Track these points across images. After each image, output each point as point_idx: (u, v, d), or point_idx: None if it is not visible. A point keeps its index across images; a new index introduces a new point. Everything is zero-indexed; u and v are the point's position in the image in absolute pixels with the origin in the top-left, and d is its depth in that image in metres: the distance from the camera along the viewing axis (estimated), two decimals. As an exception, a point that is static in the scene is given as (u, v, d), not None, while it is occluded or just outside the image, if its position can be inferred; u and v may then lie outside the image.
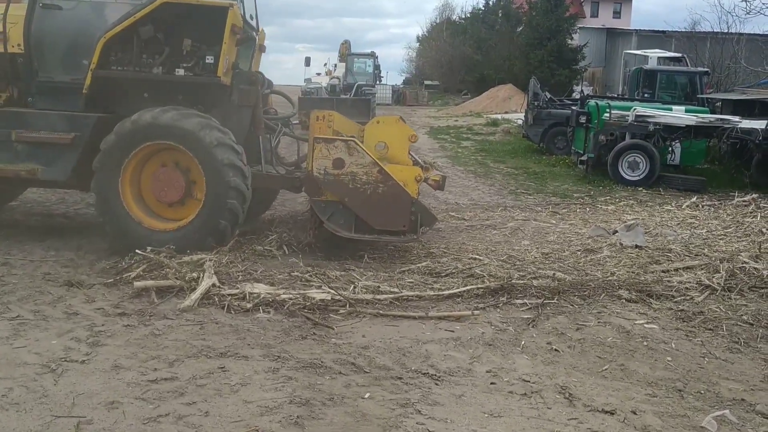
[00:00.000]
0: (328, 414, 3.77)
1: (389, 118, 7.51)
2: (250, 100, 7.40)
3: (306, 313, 5.34)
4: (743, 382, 4.50)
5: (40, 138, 6.81)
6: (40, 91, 7.07)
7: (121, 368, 4.24)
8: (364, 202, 6.72)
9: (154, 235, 6.59)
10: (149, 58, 6.90)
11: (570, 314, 5.62)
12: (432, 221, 7.35)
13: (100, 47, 6.75)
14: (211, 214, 6.61)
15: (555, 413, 3.94)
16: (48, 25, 7.02)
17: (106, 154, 6.60)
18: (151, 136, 6.59)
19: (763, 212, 10.33)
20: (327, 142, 6.77)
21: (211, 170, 6.57)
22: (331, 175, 6.72)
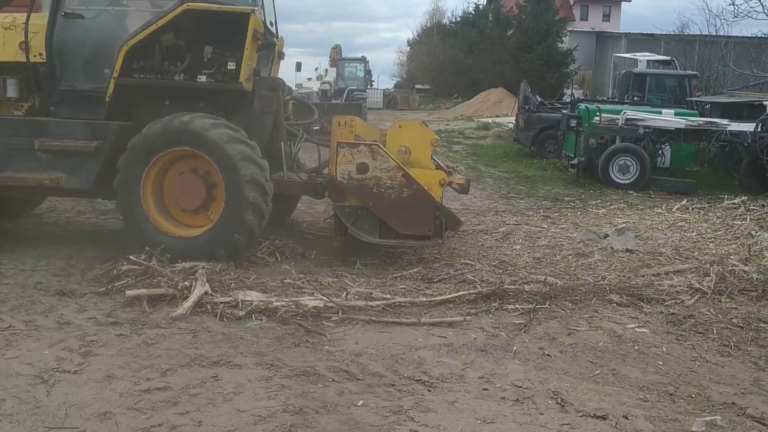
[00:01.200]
0: (322, 422, 3.77)
1: (412, 122, 7.48)
2: (272, 107, 7.37)
3: (299, 320, 5.34)
4: (734, 386, 4.53)
5: (63, 146, 6.78)
6: (63, 100, 7.04)
7: (113, 378, 4.23)
8: (389, 206, 6.70)
9: (168, 240, 6.58)
10: (171, 65, 6.88)
11: (562, 319, 5.65)
12: (457, 225, 7.30)
13: (122, 55, 6.73)
14: (227, 227, 6.57)
15: (547, 419, 3.96)
16: (70, 33, 6.98)
17: (133, 153, 6.59)
18: (179, 142, 6.57)
19: (753, 214, 10.39)
20: (350, 146, 6.75)
21: (232, 183, 6.54)
22: (355, 180, 6.70)
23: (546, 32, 38.15)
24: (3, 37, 7.02)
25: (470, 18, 55.24)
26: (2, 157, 6.82)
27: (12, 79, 7.15)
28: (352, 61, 38.87)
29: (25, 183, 6.88)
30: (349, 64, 38.51)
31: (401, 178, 6.68)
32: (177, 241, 6.59)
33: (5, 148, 6.82)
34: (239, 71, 6.83)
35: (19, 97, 7.19)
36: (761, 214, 10.45)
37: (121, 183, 6.65)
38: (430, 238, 6.84)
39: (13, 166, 6.83)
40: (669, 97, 19.83)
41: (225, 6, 6.99)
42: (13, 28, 7.00)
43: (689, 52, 29.04)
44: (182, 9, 6.64)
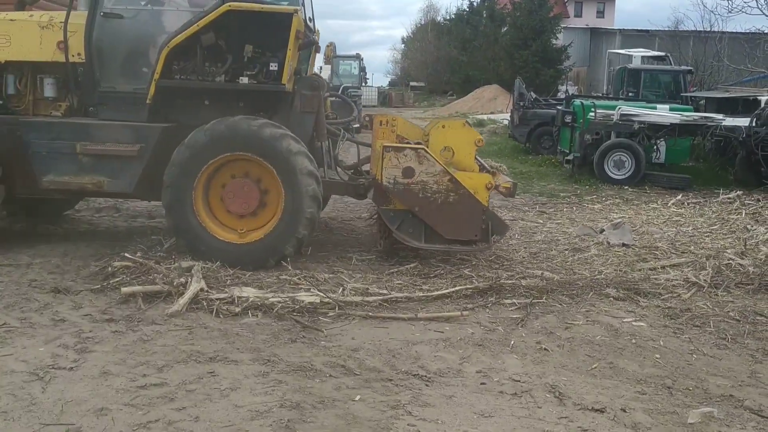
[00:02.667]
0: (319, 417, 3.76)
1: (455, 122, 7.33)
2: (313, 107, 7.23)
3: (295, 316, 5.32)
4: (731, 378, 4.53)
5: (105, 150, 6.68)
6: (103, 101, 6.94)
7: (109, 374, 4.21)
8: (435, 211, 6.61)
9: (231, 248, 6.50)
10: (212, 66, 6.80)
11: (559, 313, 5.65)
12: (504, 230, 7.16)
13: (163, 56, 6.63)
14: (291, 223, 6.53)
15: (545, 412, 3.95)
16: (109, 33, 6.88)
17: (179, 167, 6.45)
18: (228, 148, 6.48)
19: (748, 209, 10.41)
20: (396, 150, 6.63)
21: (290, 180, 6.48)
22: (400, 185, 6.60)
23: (540, 29, 38.22)
24: (40, 37, 6.90)
25: (464, 15, 55.31)
26: (44, 160, 6.72)
27: (49, 78, 7.07)
28: (347, 59, 38.74)
29: (67, 187, 6.81)
30: (344, 61, 38.39)
31: (448, 183, 6.58)
32: (228, 247, 6.52)
33: (46, 151, 6.72)
34: (281, 72, 6.74)
35: (56, 97, 7.12)
36: (756, 208, 10.47)
37: (170, 199, 6.49)
38: (477, 243, 6.76)
39: (55, 169, 6.72)
40: (664, 93, 19.89)
41: (268, 6, 6.87)
42: (50, 27, 6.89)
43: (684, 47, 29.11)
44: (224, 9, 6.52)
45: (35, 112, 7.14)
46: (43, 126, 6.82)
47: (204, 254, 6.43)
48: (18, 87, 7.12)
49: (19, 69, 7.09)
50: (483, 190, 6.67)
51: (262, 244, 6.52)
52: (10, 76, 7.09)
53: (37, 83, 7.13)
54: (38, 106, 7.19)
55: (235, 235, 6.62)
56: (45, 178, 6.71)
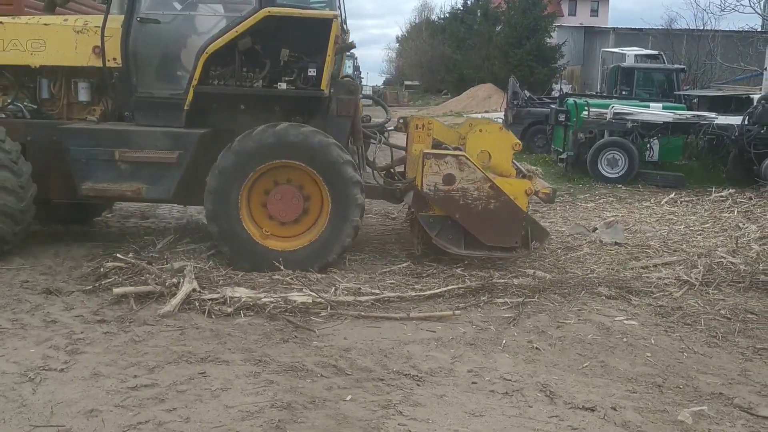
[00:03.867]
0: (310, 417, 3.76)
1: (492, 125, 7.31)
2: (350, 111, 7.18)
3: (287, 316, 5.33)
4: (721, 376, 4.55)
5: (144, 157, 6.61)
6: (139, 107, 6.89)
7: (100, 376, 4.20)
8: (476, 218, 6.60)
9: (276, 255, 6.49)
10: (249, 72, 6.77)
11: (551, 312, 5.66)
12: (544, 236, 7.16)
13: (202, 62, 6.59)
14: (337, 231, 6.54)
15: (536, 411, 3.96)
16: (146, 38, 6.85)
17: (225, 173, 6.43)
18: (276, 155, 6.47)
19: (740, 207, 10.44)
20: (437, 157, 6.63)
21: (339, 189, 6.50)
22: (441, 191, 6.59)
23: (534, 27, 38.22)
24: (75, 41, 6.87)
25: (459, 14, 55.31)
26: (82, 166, 6.66)
27: (83, 83, 7.04)
28: (341, 58, 38.74)
29: (105, 194, 6.78)
30: (338, 60, 38.39)
31: (489, 190, 6.57)
32: (272, 254, 6.51)
33: (85, 158, 6.64)
34: (320, 77, 6.73)
35: (90, 102, 7.10)
36: (748, 206, 10.50)
37: (215, 206, 6.46)
38: (516, 250, 6.76)
39: (94, 176, 6.65)
40: (657, 91, 19.94)
41: (307, 11, 6.85)
42: (85, 32, 6.86)
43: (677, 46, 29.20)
44: (263, 15, 6.49)
45: (69, 117, 7.14)
46: (83, 132, 6.74)
47: (248, 261, 6.45)
48: (52, 91, 7.11)
49: (53, 73, 7.07)
50: (522, 196, 6.70)
51: (308, 251, 6.55)
52: (44, 81, 7.08)
53: (71, 88, 7.11)
54: (72, 110, 7.18)
55: (281, 241, 6.63)
56: (84, 184, 6.64)
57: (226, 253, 6.55)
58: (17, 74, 7.13)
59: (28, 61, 6.90)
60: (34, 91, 7.16)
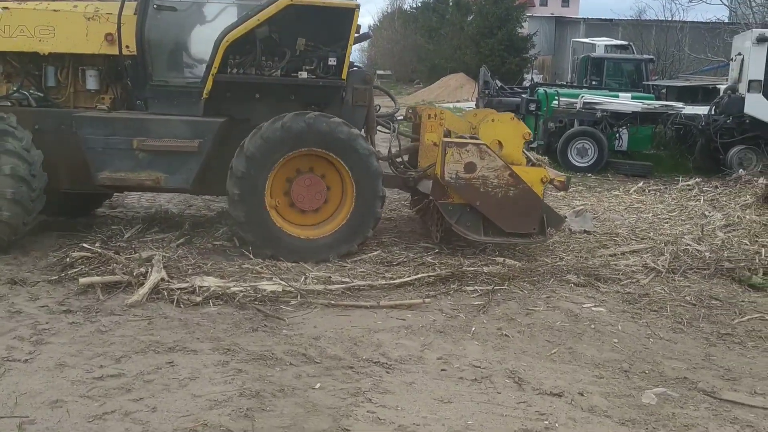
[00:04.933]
0: (279, 405, 3.75)
1: (504, 115, 7.40)
2: (365, 100, 7.21)
3: (257, 305, 5.30)
4: (686, 361, 4.62)
5: (164, 146, 6.53)
6: (154, 95, 6.77)
7: (65, 366, 4.15)
8: (495, 205, 6.68)
9: (299, 243, 6.51)
10: (269, 60, 6.72)
11: (520, 300, 5.70)
12: (559, 222, 7.18)
13: (222, 50, 6.51)
14: (361, 222, 6.62)
15: (504, 397, 3.99)
16: (162, 26, 6.75)
17: (252, 160, 6.37)
18: (305, 143, 6.45)
19: (706, 195, 10.59)
20: (459, 146, 6.68)
21: (364, 180, 6.55)
22: (462, 179, 6.65)
23: (506, 17, 38.33)
24: (86, 28, 6.70)
25: (431, 3, 55.20)
26: (98, 155, 6.54)
27: (92, 70, 6.89)
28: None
29: (124, 183, 6.68)
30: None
31: (508, 177, 6.66)
32: (296, 242, 6.54)
33: (102, 146, 6.53)
34: (341, 67, 6.72)
35: (98, 90, 6.95)
36: (714, 195, 10.65)
37: (241, 192, 6.40)
38: (534, 236, 6.87)
39: (111, 165, 6.54)
40: (626, 81, 20.11)
41: (329, 1, 6.77)
42: (96, 19, 6.69)
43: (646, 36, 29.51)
44: (286, 3, 6.43)
45: (76, 105, 6.99)
46: (99, 121, 6.62)
47: (271, 248, 6.45)
48: (59, 79, 6.96)
49: (60, 61, 6.91)
50: (538, 184, 6.81)
51: (330, 239, 6.59)
52: (50, 68, 6.91)
53: (78, 75, 6.96)
54: (79, 98, 7.03)
55: (300, 229, 6.65)
56: (100, 173, 6.53)
57: (248, 239, 6.52)
58: (23, 61, 6.93)
59: (37, 48, 6.71)
60: (39, 79, 6.99)
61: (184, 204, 8.94)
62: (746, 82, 13.25)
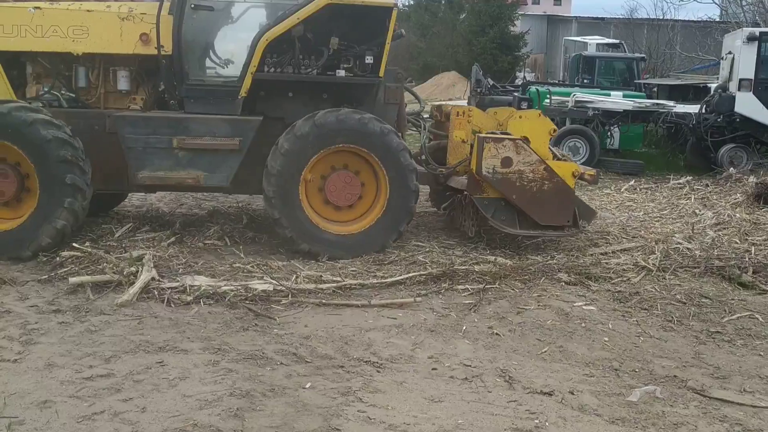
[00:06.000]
0: (269, 405, 3.74)
1: (531, 112, 7.62)
2: (397, 99, 7.33)
3: (247, 304, 5.28)
4: (675, 359, 4.64)
5: (204, 144, 6.57)
6: (190, 94, 6.77)
7: (54, 366, 4.13)
8: (531, 198, 6.85)
9: (334, 239, 6.61)
10: (306, 59, 6.76)
11: (511, 298, 5.70)
12: (591, 215, 7.43)
13: (261, 49, 6.54)
14: (395, 217, 6.72)
15: (495, 396, 4.00)
16: (199, 26, 6.78)
17: (288, 156, 6.45)
18: (338, 139, 6.54)
19: (697, 194, 10.65)
20: (496, 141, 6.83)
21: (398, 175, 6.65)
22: (499, 174, 6.80)
23: (498, 16, 38.32)
24: (120, 28, 6.66)
25: (423, 2, 55.15)
26: (138, 155, 6.55)
27: (124, 71, 6.87)
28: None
29: (163, 182, 6.71)
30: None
31: (543, 171, 6.84)
32: (344, 240, 6.66)
33: (141, 146, 6.54)
34: (378, 65, 6.79)
35: (130, 90, 6.93)
36: (705, 193, 10.71)
37: (278, 189, 6.49)
38: (567, 228, 7.03)
39: (150, 164, 6.56)
40: (618, 80, 20.17)
41: (368, 0, 6.80)
42: (130, 19, 6.66)
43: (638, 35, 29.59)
44: (324, 2, 6.48)
45: (106, 106, 6.97)
46: (139, 120, 6.64)
47: (308, 245, 6.52)
48: (90, 80, 6.94)
49: (91, 61, 6.88)
50: (570, 178, 6.97)
51: (365, 235, 6.69)
52: (81, 69, 6.88)
53: (110, 76, 6.93)
54: (109, 99, 7.01)
55: (337, 226, 6.74)
56: (140, 173, 6.54)
57: (285, 236, 6.57)
58: (54, 62, 6.89)
59: (70, 48, 6.66)
60: (69, 80, 6.96)
61: (176, 203, 8.92)
62: (737, 81, 13.31)
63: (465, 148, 7.37)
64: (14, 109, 6.24)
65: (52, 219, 6.19)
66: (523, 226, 6.97)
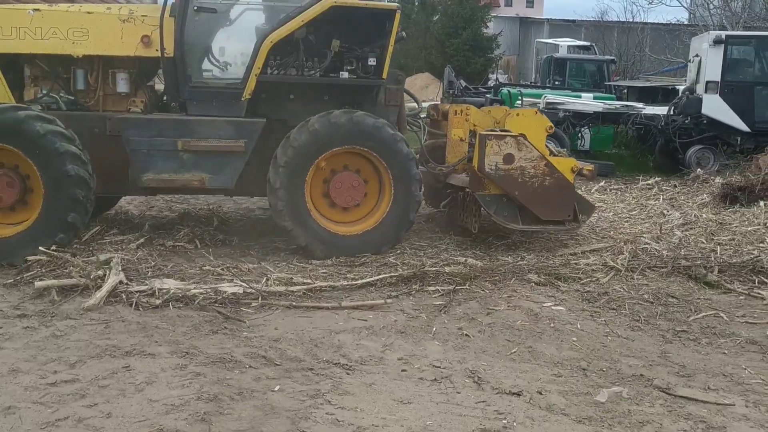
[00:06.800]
0: (237, 409, 3.72)
1: (528, 110, 7.79)
2: (397, 100, 7.38)
3: (217, 307, 5.25)
4: (642, 359, 4.69)
5: (209, 146, 6.57)
6: (193, 97, 6.74)
7: (19, 372, 4.06)
8: (532, 194, 6.97)
9: (340, 239, 6.70)
10: (309, 61, 6.78)
11: (481, 299, 5.72)
12: (590, 210, 7.58)
13: (265, 51, 6.53)
14: (396, 223, 6.86)
15: (464, 397, 4.01)
16: (201, 28, 6.76)
17: (298, 154, 6.52)
18: (346, 140, 6.61)
19: (665, 194, 10.79)
20: (498, 138, 6.93)
21: (404, 182, 6.79)
22: (501, 170, 6.90)
23: (471, 18, 38.43)
24: (121, 31, 6.61)
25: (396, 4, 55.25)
26: (143, 157, 6.52)
27: (123, 73, 6.81)
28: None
29: (169, 185, 6.69)
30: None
31: (544, 167, 6.97)
32: (349, 240, 6.76)
33: (146, 148, 6.51)
34: (381, 67, 6.87)
35: (129, 93, 6.87)
36: (673, 194, 10.85)
37: (284, 188, 6.54)
38: (568, 223, 7.16)
39: (155, 167, 6.54)
40: (588, 82, 20.36)
41: (372, 3, 6.89)
42: (131, 21, 6.61)
43: (608, 37, 29.90)
44: (329, 5, 6.51)
45: (104, 108, 6.92)
46: (144, 122, 6.62)
47: (308, 240, 6.61)
48: (89, 82, 6.87)
49: (90, 63, 6.82)
50: (569, 173, 7.10)
51: (376, 232, 6.80)
52: (80, 71, 6.82)
53: (109, 78, 6.87)
54: (108, 101, 6.95)
55: (342, 226, 6.85)
56: (144, 175, 6.53)
57: (294, 236, 6.63)
58: (52, 64, 6.82)
59: (70, 51, 6.61)
60: (68, 82, 6.89)
61: (145, 205, 8.83)
62: (704, 83, 13.52)
63: (463, 146, 7.50)
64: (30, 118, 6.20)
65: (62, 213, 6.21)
66: (525, 221, 7.09)
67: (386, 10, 6.89)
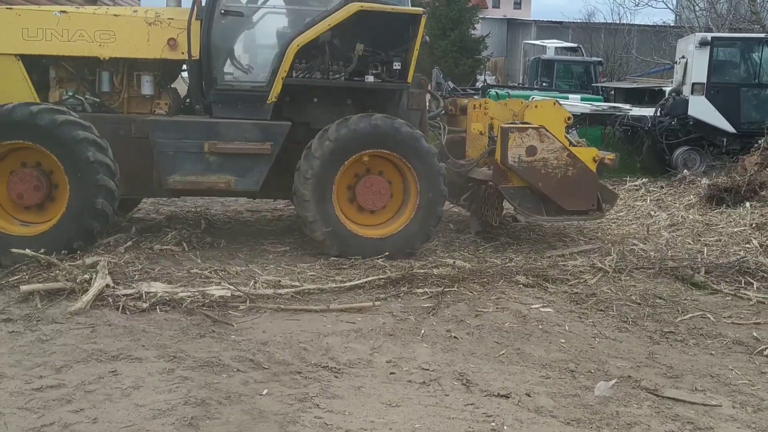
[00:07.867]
0: (224, 413, 3.70)
1: (546, 101, 7.76)
2: (420, 104, 7.40)
3: (205, 310, 5.22)
4: (630, 360, 4.70)
5: (236, 149, 6.57)
6: (219, 99, 6.75)
7: (3, 377, 4.02)
8: (556, 185, 7.04)
9: (367, 243, 6.71)
10: (334, 65, 6.78)
11: (469, 301, 5.72)
12: (614, 198, 7.63)
13: (291, 54, 6.55)
14: (425, 219, 6.87)
15: (452, 400, 4.00)
16: (228, 31, 6.79)
17: (323, 164, 6.54)
18: (369, 145, 6.64)
19: (652, 195, 10.84)
20: (520, 131, 6.98)
21: (429, 179, 6.80)
22: (524, 163, 6.97)
23: (458, 19, 38.47)
24: (147, 33, 6.62)
25: (384, 4, 55.27)
26: (169, 159, 6.53)
27: (148, 76, 6.82)
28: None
29: (195, 187, 6.69)
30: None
31: (567, 158, 7.04)
32: (376, 243, 6.76)
33: (173, 151, 6.52)
34: (407, 71, 6.89)
35: (153, 95, 6.88)
36: (660, 195, 10.91)
37: (312, 193, 6.55)
38: (592, 212, 7.23)
39: (182, 169, 6.55)
40: (576, 83, 20.45)
41: (398, 7, 6.89)
42: (157, 24, 6.62)
43: (595, 39, 30.05)
44: (355, 9, 6.52)
45: (129, 111, 6.93)
46: (170, 125, 6.62)
47: (342, 248, 6.66)
48: (114, 84, 6.87)
49: (115, 66, 6.80)
50: (591, 163, 7.18)
51: (399, 237, 6.81)
52: (105, 73, 6.82)
53: (133, 81, 6.87)
54: (132, 104, 6.95)
55: (367, 229, 6.86)
56: (170, 177, 6.54)
57: (324, 242, 6.66)
58: (78, 66, 6.81)
59: (97, 53, 6.63)
60: (93, 84, 6.87)
61: (132, 208, 8.76)
62: (690, 85, 13.62)
63: (483, 140, 7.55)
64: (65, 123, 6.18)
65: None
66: (549, 213, 7.14)
67: (412, 15, 6.92)
